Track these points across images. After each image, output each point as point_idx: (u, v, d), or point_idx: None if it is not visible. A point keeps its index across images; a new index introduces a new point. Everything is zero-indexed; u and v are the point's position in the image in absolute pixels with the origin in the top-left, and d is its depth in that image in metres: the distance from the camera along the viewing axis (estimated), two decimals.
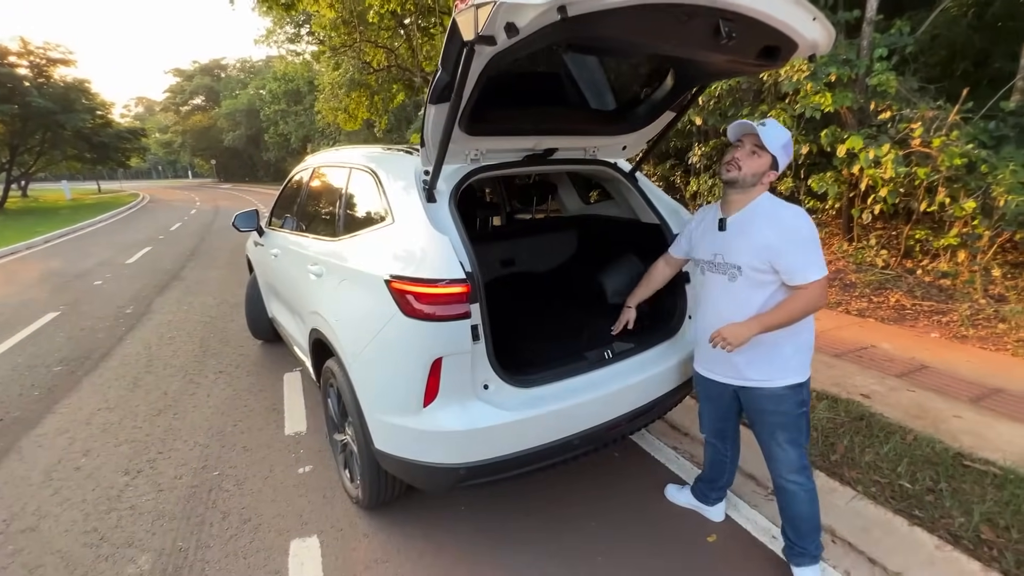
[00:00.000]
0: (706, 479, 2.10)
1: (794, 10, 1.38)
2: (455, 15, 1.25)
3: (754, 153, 1.57)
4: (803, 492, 1.73)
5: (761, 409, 1.72)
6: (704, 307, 1.82)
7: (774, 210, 1.59)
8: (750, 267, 1.59)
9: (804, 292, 1.53)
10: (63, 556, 2.04)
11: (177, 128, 52.20)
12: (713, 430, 1.99)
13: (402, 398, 1.68)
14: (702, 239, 1.79)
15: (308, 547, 2.03)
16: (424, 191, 1.79)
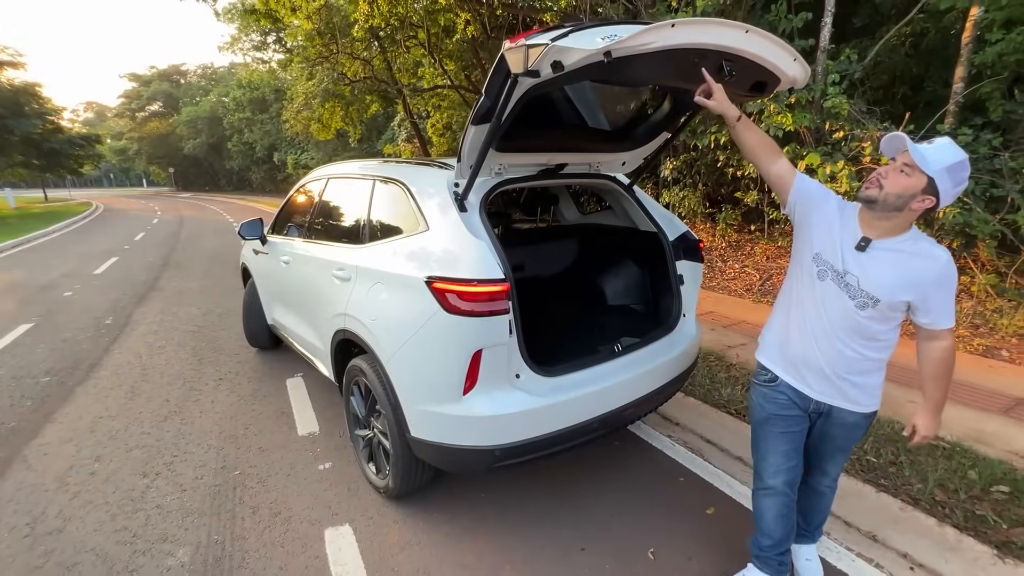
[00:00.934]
0: (777, 540, 1.72)
1: (780, 52, 1.66)
2: (505, 51, 1.47)
3: (903, 171, 1.35)
4: (831, 493, 1.79)
5: (832, 435, 1.65)
6: (822, 326, 1.53)
7: (926, 246, 1.41)
8: (891, 303, 1.43)
9: (947, 348, 1.47)
10: (98, 554, 2.09)
11: (133, 135, 50.15)
12: (788, 474, 1.68)
13: (442, 388, 1.86)
14: (829, 233, 1.52)
15: (342, 534, 2.16)
16: (456, 201, 1.98)
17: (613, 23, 1.43)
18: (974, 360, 3.72)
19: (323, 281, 2.60)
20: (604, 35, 1.32)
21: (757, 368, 1.78)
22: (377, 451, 2.37)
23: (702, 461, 2.63)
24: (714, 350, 3.88)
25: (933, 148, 1.34)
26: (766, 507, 1.72)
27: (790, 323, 1.64)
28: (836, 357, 1.54)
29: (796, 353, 1.61)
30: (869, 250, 1.44)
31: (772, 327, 1.74)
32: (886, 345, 1.54)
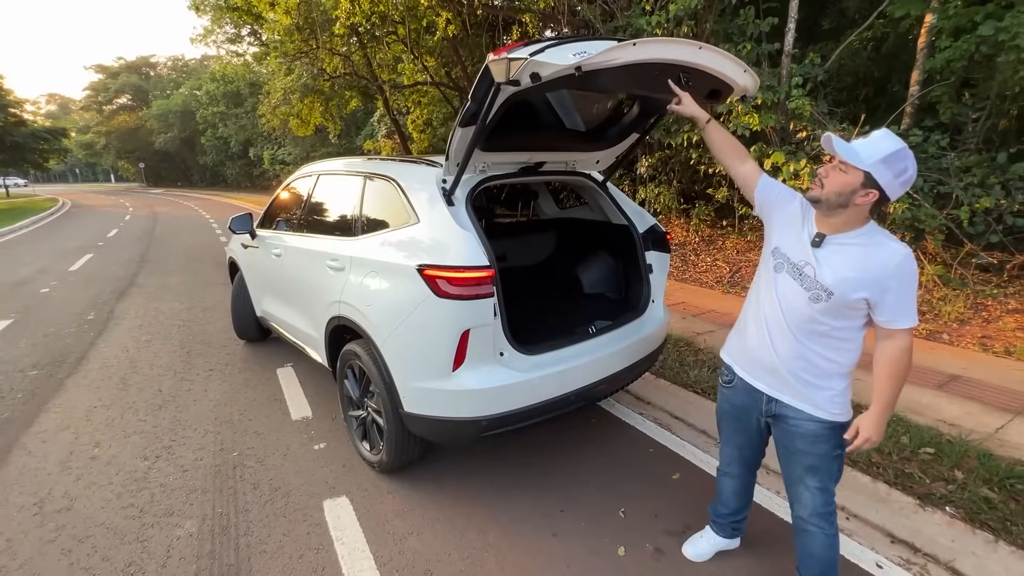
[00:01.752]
0: (733, 510, 1.93)
1: (732, 65, 1.89)
2: (489, 62, 1.66)
3: (840, 169, 1.37)
4: (823, 536, 1.61)
5: (795, 448, 1.59)
6: (776, 319, 1.54)
7: (884, 240, 1.39)
8: (843, 298, 1.41)
9: (902, 348, 1.40)
10: (108, 527, 2.22)
11: (100, 128, 48.52)
12: (743, 461, 1.83)
13: (434, 365, 2.05)
14: (790, 228, 1.55)
15: (340, 505, 2.34)
16: (444, 196, 2.17)
17: (586, 39, 1.63)
18: (918, 343, 4.06)
19: (317, 272, 2.75)
20: (576, 51, 1.53)
21: (722, 367, 1.83)
22: (371, 429, 2.55)
23: (670, 434, 2.87)
24: (684, 336, 4.15)
25: (864, 142, 1.34)
26: (724, 484, 1.93)
27: (749, 319, 1.67)
28: (791, 353, 1.52)
29: (752, 348, 1.63)
30: (824, 245, 1.45)
31: (737, 324, 1.77)
32: (847, 348, 1.48)
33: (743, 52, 6.25)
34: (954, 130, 5.72)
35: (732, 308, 5.09)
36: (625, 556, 2.00)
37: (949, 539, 2.01)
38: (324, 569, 1.96)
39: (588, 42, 1.60)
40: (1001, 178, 4.96)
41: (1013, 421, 2.79)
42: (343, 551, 2.05)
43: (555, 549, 2.05)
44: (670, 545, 2.06)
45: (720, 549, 2.01)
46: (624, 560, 1.99)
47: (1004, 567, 1.87)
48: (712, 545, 2.00)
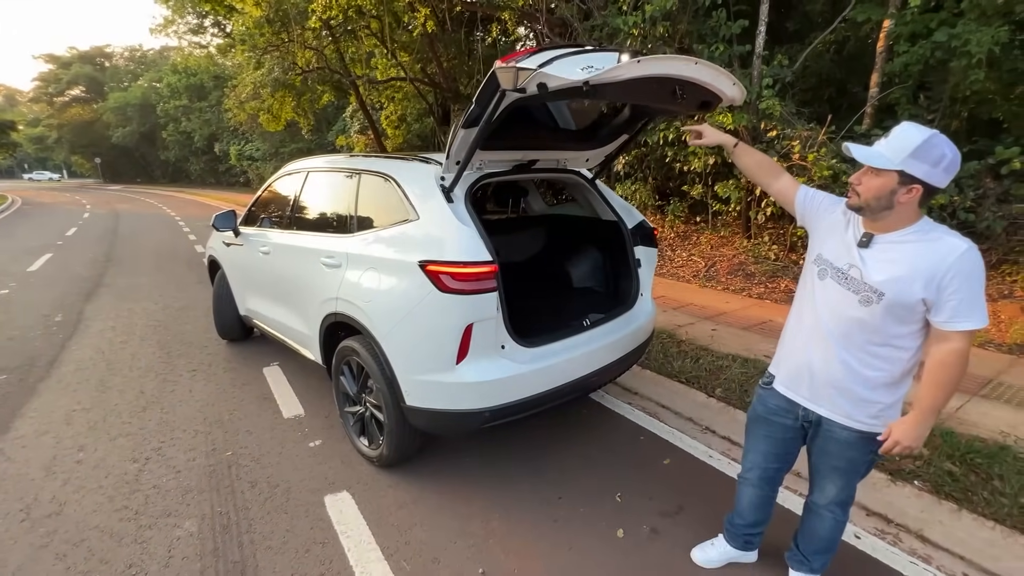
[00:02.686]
0: (749, 523, 1.87)
1: (723, 79, 1.98)
2: (496, 68, 1.71)
3: (873, 173, 1.32)
4: (834, 521, 1.66)
5: (827, 450, 1.57)
6: (821, 325, 1.49)
7: (942, 236, 1.31)
8: (897, 298, 1.33)
9: (956, 352, 1.30)
10: (103, 530, 2.19)
11: (51, 121, 46.03)
12: (764, 473, 1.76)
13: (437, 359, 2.09)
14: (833, 235, 1.51)
15: (341, 499, 2.36)
16: (444, 193, 2.21)
17: (588, 51, 1.70)
18: None
19: (310, 269, 2.75)
20: (583, 66, 1.59)
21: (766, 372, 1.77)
22: (369, 424, 2.57)
23: (658, 422, 2.99)
24: (666, 329, 4.29)
25: (888, 140, 1.30)
26: (743, 493, 1.85)
27: (791, 329, 1.64)
28: (832, 362, 1.47)
29: (794, 358, 1.59)
30: (872, 245, 1.39)
31: (782, 335, 1.70)
32: (899, 357, 1.40)
33: (716, 53, 6.45)
34: None
35: (709, 301, 5.27)
36: (624, 537, 2.10)
37: (918, 510, 2.18)
38: (332, 562, 1.99)
39: (592, 55, 1.67)
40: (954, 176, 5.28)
41: (971, 401, 3.01)
42: (349, 544, 2.08)
43: (557, 534, 2.12)
44: (665, 526, 2.17)
45: (732, 560, 1.94)
46: (623, 541, 2.08)
47: (968, 533, 2.04)
48: (722, 554, 1.94)
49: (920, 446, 1.39)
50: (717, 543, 1.98)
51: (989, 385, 3.21)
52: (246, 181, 28.82)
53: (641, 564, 1.96)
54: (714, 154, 6.50)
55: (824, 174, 5.32)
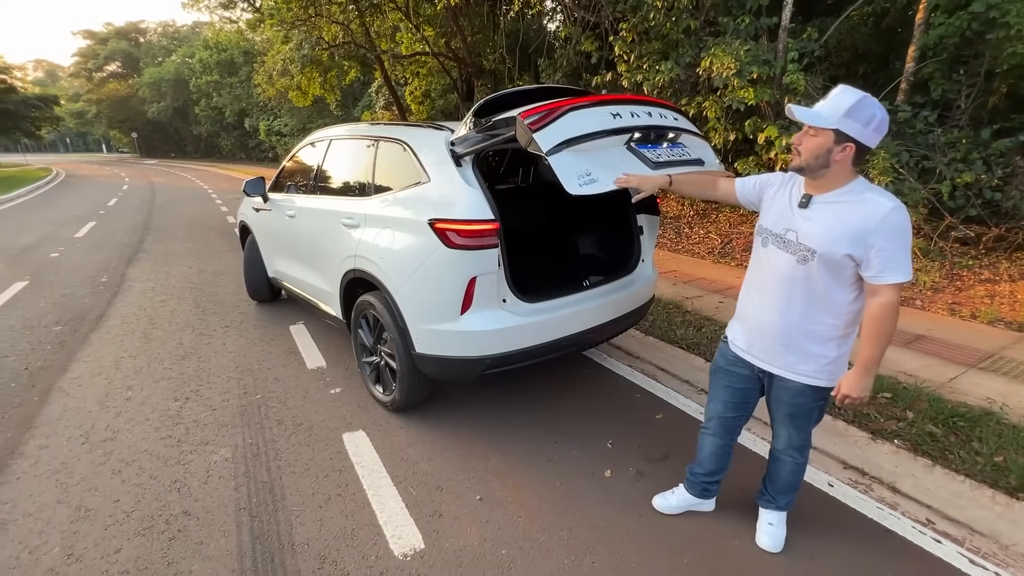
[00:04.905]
0: (708, 471, 1.99)
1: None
2: (519, 121, 1.98)
3: (810, 134, 1.43)
4: (794, 464, 1.80)
5: (780, 399, 1.70)
6: (766, 286, 1.63)
7: (871, 196, 1.41)
8: (826, 254, 1.45)
9: (886, 305, 1.40)
10: (152, 454, 2.49)
11: (90, 96, 47.55)
12: (723, 423, 1.89)
13: (443, 309, 2.29)
14: (775, 206, 1.63)
15: (357, 437, 2.61)
16: (453, 157, 2.37)
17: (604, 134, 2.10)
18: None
19: (332, 230, 2.96)
20: (582, 177, 1.94)
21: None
22: (383, 372, 2.80)
23: (656, 383, 3.15)
24: (673, 300, 4.40)
25: (825, 102, 1.40)
26: (704, 443, 1.97)
27: (743, 295, 1.77)
28: (779, 321, 1.58)
29: (747, 320, 1.73)
30: (811, 205, 1.50)
31: (738, 302, 1.82)
32: (839, 312, 1.51)
33: (741, 26, 6.35)
34: (944, 107, 5.88)
35: (720, 276, 5.34)
36: (611, 477, 2.29)
37: (893, 465, 2.30)
38: (348, 485, 2.24)
39: (595, 166, 2.00)
40: (983, 154, 5.15)
41: (966, 373, 3.07)
42: (363, 472, 2.33)
43: (549, 471, 2.33)
44: (650, 469, 2.35)
45: (690, 507, 2.06)
46: (610, 480, 2.27)
47: (938, 485, 2.16)
48: (681, 501, 2.06)
49: (866, 396, 1.50)
50: (677, 491, 2.10)
51: (990, 359, 3.24)
52: (275, 156, 29.42)
53: (623, 499, 2.15)
54: (735, 130, 6.45)
55: None
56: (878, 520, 2.00)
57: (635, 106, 2.33)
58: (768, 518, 1.92)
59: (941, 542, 1.90)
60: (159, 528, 2.00)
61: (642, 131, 2.26)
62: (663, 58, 6.93)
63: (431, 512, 2.07)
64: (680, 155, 2.36)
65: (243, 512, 2.08)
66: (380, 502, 2.13)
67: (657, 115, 2.37)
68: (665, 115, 2.42)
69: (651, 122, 2.30)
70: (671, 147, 2.41)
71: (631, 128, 2.21)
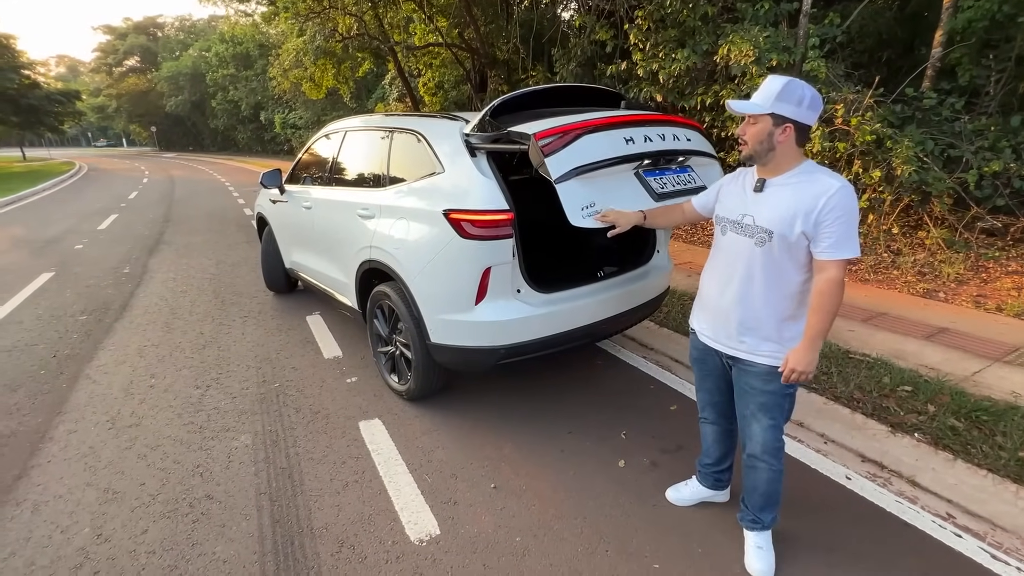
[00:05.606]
0: (715, 459, 1.98)
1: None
2: (533, 141, 2.04)
3: (750, 122, 1.51)
4: (771, 472, 1.71)
5: (749, 387, 1.68)
6: (726, 271, 1.67)
7: (820, 176, 1.48)
8: (781, 234, 1.50)
9: (832, 280, 1.45)
10: (175, 439, 2.56)
11: (111, 91, 48.39)
12: (715, 407, 1.90)
13: (458, 299, 2.30)
14: (730, 197, 1.70)
15: (373, 425, 2.65)
16: (468, 148, 2.37)
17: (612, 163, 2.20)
18: (913, 299, 4.25)
19: (348, 221, 2.99)
20: (585, 208, 2.07)
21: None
22: (399, 362, 2.84)
23: (670, 374, 3.13)
24: (688, 291, 4.36)
25: (758, 92, 1.49)
26: (705, 432, 1.99)
27: (705, 283, 1.81)
28: (740, 303, 1.62)
29: (710, 308, 1.76)
30: (765, 189, 1.56)
31: (699, 292, 1.86)
32: (796, 291, 1.56)
33: (760, 11, 6.21)
34: (972, 93, 5.69)
35: None
36: (625, 468, 2.29)
37: (913, 459, 2.26)
38: (364, 472, 2.28)
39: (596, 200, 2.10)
40: (1012, 142, 4.99)
41: (991, 367, 3.00)
42: (379, 459, 2.37)
43: (563, 461, 2.34)
44: (664, 460, 2.34)
45: (703, 499, 2.06)
46: (624, 471, 2.27)
47: (959, 479, 2.12)
48: (694, 493, 2.06)
49: (813, 370, 1.52)
50: (690, 483, 2.10)
51: (1015, 353, 3.16)
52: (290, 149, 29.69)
53: (637, 489, 2.15)
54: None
55: (867, 139, 5.13)
56: (896, 514, 1.98)
57: (650, 128, 2.41)
58: (756, 540, 1.80)
59: (962, 536, 1.87)
60: (183, 511, 2.06)
61: (652, 157, 2.37)
62: (679, 46, 6.81)
63: (446, 499, 2.10)
64: (685, 183, 2.49)
65: (263, 496, 2.13)
66: (396, 489, 2.17)
67: (671, 137, 2.46)
68: (679, 136, 2.50)
69: (663, 147, 2.39)
70: (679, 172, 2.51)
71: (642, 155, 2.31)
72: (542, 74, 10.48)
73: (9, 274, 5.77)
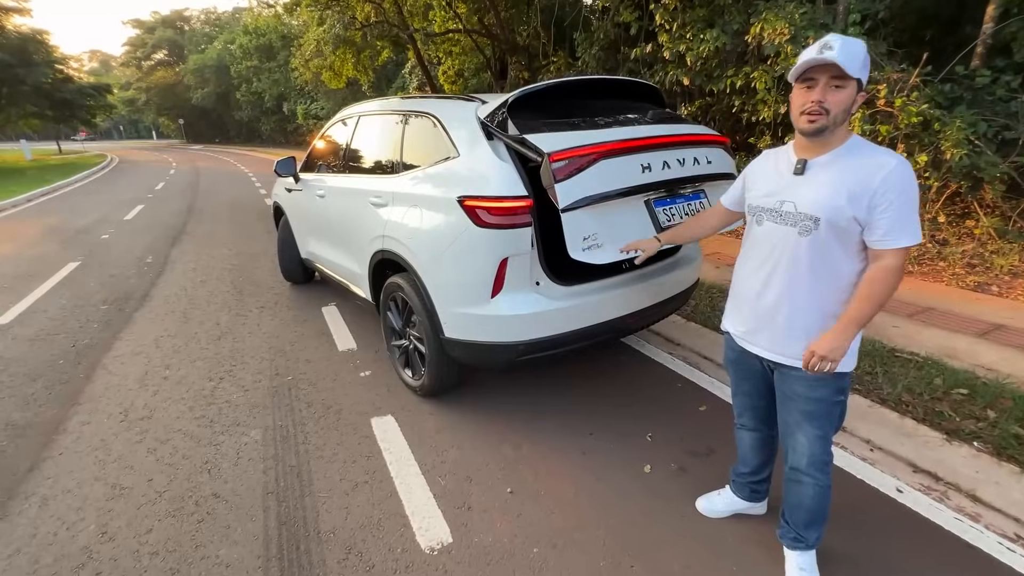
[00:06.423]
0: (752, 469, 1.80)
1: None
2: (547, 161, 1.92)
3: (836, 87, 1.26)
4: (817, 487, 1.52)
5: (793, 393, 1.48)
6: (766, 266, 1.45)
7: (872, 153, 1.30)
8: (830, 221, 1.30)
9: (887, 268, 1.27)
10: (186, 433, 2.51)
11: (140, 85, 49.53)
12: (754, 412, 1.71)
13: (473, 292, 2.17)
14: (763, 181, 1.49)
15: (386, 422, 2.55)
16: (484, 131, 2.22)
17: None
18: (963, 293, 3.95)
19: (360, 209, 2.88)
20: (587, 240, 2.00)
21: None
22: (412, 356, 2.72)
23: (698, 372, 2.95)
24: (717, 283, 4.15)
25: (842, 50, 1.21)
26: (741, 439, 1.81)
27: (740, 281, 1.59)
28: (786, 302, 1.42)
29: (747, 309, 1.55)
30: (807, 171, 1.36)
31: (731, 291, 1.66)
32: (849, 284, 1.37)
33: None
34: None
35: None
36: (651, 472, 2.14)
37: (973, 470, 2.05)
38: (375, 472, 2.18)
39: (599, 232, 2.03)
40: None
41: None
42: (391, 459, 2.26)
43: (585, 464, 2.20)
44: (693, 465, 2.18)
45: (738, 511, 1.88)
46: (650, 476, 2.12)
47: None
48: (728, 504, 1.88)
49: (838, 359, 1.32)
50: (723, 493, 1.92)
51: None
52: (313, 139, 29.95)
53: (664, 497, 2.00)
54: (785, 102, 6.00)
55: (912, 120, 4.78)
56: (957, 533, 1.78)
57: (671, 151, 2.28)
58: (799, 561, 1.60)
59: None
60: (189, 509, 1.99)
61: (667, 187, 2.27)
62: (708, 26, 6.49)
63: (460, 504, 1.99)
64: (693, 212, 2.39)
65: (271, 496, 2.05)
66: (407, 491, 2.06)
67: (691, 161, 2.34)
68: (699, 158, 2.38)
69: (680, 174, 2.30)
70: (690, 199, 2.42)
71: (657, 184, 2.22)
72: (563, 59, 10.21)
73: (39, 263, 5.87)
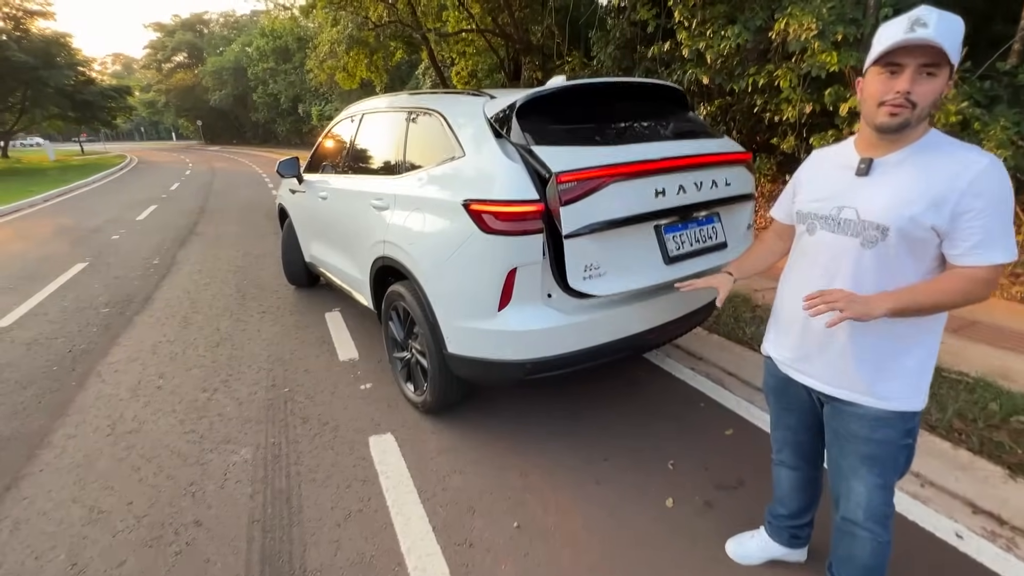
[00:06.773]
0: (792, 512, 1.59)
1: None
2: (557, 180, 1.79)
3: (928, 75, 1.03)
4: (875, 543, 1.30)
5: (850, 433, 1.27)
6: (821, 283, 1.22)
7: (955, 151, 1.07)
8: (902, 230, 1.09)
9: (974, 279, 1.05)
10: (173, 450, 2.36)
11: (160, 87, 50.41)
12: (797, 449, 1.51)
13: (478, 304, 1.97)
14: (817, 185, 1.28)
15: (385, 441, 2.37)
16: (492, 128, 2.03)
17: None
18: (1009, 306, 3.66)
19: (361, 212, 2.71)
20: (588, 268, 1.89)
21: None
22: (415, 370, 2.54)
23: (723, 390, 2.73)
24: (740, 292, 3.91)
25: (938, 29, 0.99)
26: (780, 477, 1.60)
27: (786, 301, 1.39)
28: (847, 325, 1.18)
29: (794, 334, 1.34)
30: (873, 172, 1.15)
31: (774, 312, 1.48)
32: None
33: None
34: None
35: None
36: (673, 508, 1.93)
37: None
38: (370, 500, 2.00)
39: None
40: None
41: None
42: (388, 484, 2.08)
43: (599, 496, 2.00)
44: (721, 500, 1.97)
45: (773, 557, 1.67)
46: (672, 512, 1.91)
47: None
48: (763, 550, 1.67)
49: (854, 315, 1.08)
50: (758, 536, 1.70)
51: None
52: None
53: (690, 537, 1.79)
54: (811, 101, 5.72)
55: (951, 120, 4.49)
56: None
57: (688, 173, 2.10)
58: None
59: None
60: (168, 539, 1.83)
61: (680, 213, 2.14)
62: (729, 22, 6.24)
63: (461, 540, 1.79)
64: (705, 240, 2.27)
65: (256, 525, 1.88)
66: (404, 522, 1.88)
67: (708, 183, 2.18)
68: (718, 180, 2.22)
69: (695, 199, 2.16)
70: (702, 224, 2.27)
71: (669, 211, 2.09)
72: (578, 59, 10.00)
73: (46, 264, 5.83)
